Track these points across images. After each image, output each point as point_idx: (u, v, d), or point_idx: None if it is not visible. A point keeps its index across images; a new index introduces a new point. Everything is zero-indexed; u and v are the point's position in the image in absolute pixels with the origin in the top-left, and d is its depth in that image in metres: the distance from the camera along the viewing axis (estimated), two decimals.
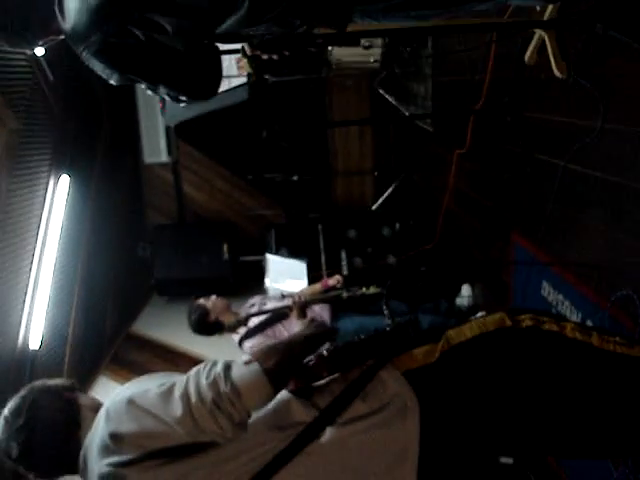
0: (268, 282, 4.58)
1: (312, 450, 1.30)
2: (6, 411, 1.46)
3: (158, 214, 5.86)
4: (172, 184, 5.78)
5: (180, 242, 5.44)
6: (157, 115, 5.22)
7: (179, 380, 1.29)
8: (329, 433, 1.32)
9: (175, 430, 1.24)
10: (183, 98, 1.93)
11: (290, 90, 4.94)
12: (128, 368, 4.66)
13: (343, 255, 4.96)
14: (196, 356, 4.62)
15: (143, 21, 1.67)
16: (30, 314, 3.75)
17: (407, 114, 4.95)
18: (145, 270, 5.45)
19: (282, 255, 4.75)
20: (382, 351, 1.49)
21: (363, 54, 4.65)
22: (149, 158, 5.45)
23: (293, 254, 4.72)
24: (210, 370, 1.27)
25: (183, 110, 2.94)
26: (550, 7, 2.68)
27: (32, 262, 3.81)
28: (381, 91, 5.07)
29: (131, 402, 1.29)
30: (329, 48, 4.61)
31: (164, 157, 5.45)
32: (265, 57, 2.38)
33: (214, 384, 1.23)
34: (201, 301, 3.81)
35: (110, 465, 1.28)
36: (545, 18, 2.71)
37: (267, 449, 1.29)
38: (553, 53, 2.70)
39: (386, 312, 1.70)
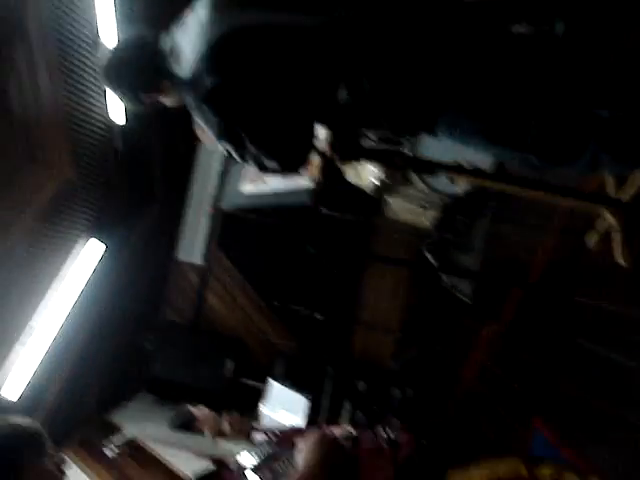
0: (263, 408, 4.35)
1: None
2: None
3: (173, 312, 5.73)
4: (196, 289, 5.69)
5: (187, 346, 5.27)
6: (204, 216, 5.26)
7: None
8: None
9: None
10: (270, 163, 1.91)
11: (338, 227, 4.95)
12: (96, 458, 4.30)
13: (347, 405, 4.71)
14: (172, 469, 4.27)
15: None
16: (16, 365, 3.58)
17: (449, 285, 4.88)
18: (142, 362, 5.24)
19: (286, 386, 4.54)
20: None
21: (419, 213, 4.68)
22: (183, 255, 5.41)
23: (297, 389, 4.51)
24: None
25: (243, 198, 2.92)
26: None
27: (36, 313, 3.68)
28: (428, 255, 5.04)
29: None
30: (389, 200, 4.67)
31: (198, 259, 5.41)
32: (339, 163, 2.39)
33: None
34: (192, 409, 3.62)
35: None
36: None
37: None
38: (620, 239, 2.65)
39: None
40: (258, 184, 2.85)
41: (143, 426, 4.69)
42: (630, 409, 2.35)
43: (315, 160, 2.57)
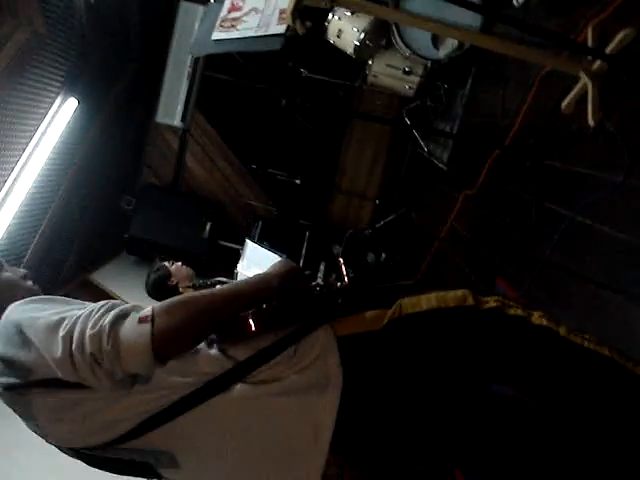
0: (240, 267, 4.46)
1: (216, 403, 1.18)
2: None
3: (152, 175, 5.74)
4: (176, 151, 5.67)
5: (165, 208, 5.32)
6: (183, 78, 5.14)
7: (70, 316, 1.16)
8: (239, 390, 1.19)
9: (55, 369, 1.14)
10: None
11: (320, 89, 4.88)
12: None
13: (322, 267, 4.83)
14: None
15: None
16: None
17: (426, 150, 4.89)
18: (122, 224, 5.30)
19: (262, 246, 4.63)
20: (324, 310, 1.34)
21: (401, 78, 4.60)
22: (161, 118, 5.33)
23: (273, 250, 4.60)
24: (100, 317, 1.13)
25: (211, 44, 2.83)
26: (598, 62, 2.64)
27: (14, 168, 3.67)
28: (407, 120, 5.02)
29: (18, 328, 1.20)
30: (369, 62, 4.57)
31: (177, 121, 5.33)
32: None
33: (97, 337, 1.10)
34: (166, 263, 3.73)
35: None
36: (593, 69, 2.67)
37: (165, 394, 1.18)
38: (593, 101, 2.64)
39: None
40: (229, 31, 2.75)
41: (124, 286, 4.82)
42: (592, 269, 2.43)
43: (290, 3, 2.50)
